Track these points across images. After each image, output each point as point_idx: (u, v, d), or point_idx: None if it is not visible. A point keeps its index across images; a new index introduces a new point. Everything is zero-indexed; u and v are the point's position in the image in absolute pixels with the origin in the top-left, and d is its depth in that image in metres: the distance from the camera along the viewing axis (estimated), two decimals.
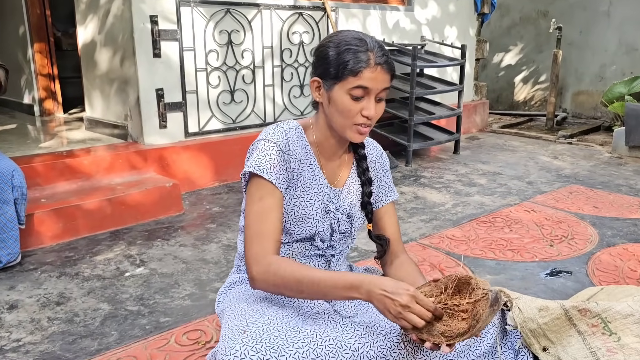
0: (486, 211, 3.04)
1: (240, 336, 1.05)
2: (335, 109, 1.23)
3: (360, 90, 1.20)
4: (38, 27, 4.53)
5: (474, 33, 5.38)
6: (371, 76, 1.19)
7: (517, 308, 1.44)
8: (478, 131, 5.56)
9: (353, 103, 1.21)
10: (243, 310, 1.22)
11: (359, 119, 1.22)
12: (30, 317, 1.88)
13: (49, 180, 2.82)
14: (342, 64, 1.20)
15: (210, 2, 3.32)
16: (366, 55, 1.19)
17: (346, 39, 1.23)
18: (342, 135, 1.27)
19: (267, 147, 1.23)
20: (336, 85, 1.21)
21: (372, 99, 1.21)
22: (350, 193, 1.39)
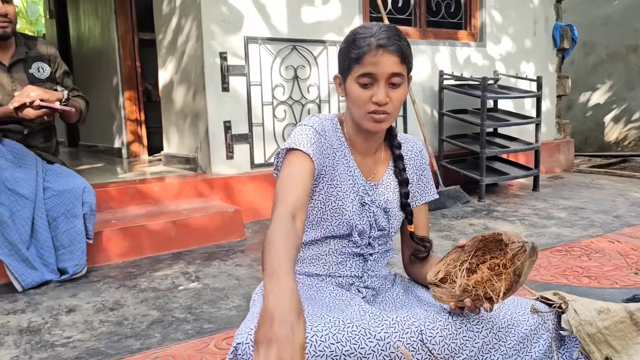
0: (563, 241, 2.80)
1: (256, 317, 1.01)
2: (350, 100, 1.23)
3: (366, 77, 1.17)
4: (129, 77, 4.96)
5: (554, 69, 5.18)
6: (373, 60, 1.16)
7: (572, 310, 1.28)
8: (562, 171, 5.23)
9: (362, 91, 1.18)
10: None
11: (370, 107, 1.19)
12: (84, 319, 1.94)
13: (121, 204, 2.99)
14: (347, 54, 1.19)
15: (277, 40, 3.48)
16: (368, 40, 1.16)
17: (355, 29, 1.23)
18: (362, 126, 1.24)
19: (304, 129, 1.23)
20: (348, 77, 1.21)
21: (381, 84, 1.17)
22: (387, 189, 1.34)
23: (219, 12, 3.27)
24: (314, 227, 1.31)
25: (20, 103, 2.25)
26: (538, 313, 1.26)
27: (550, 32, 5.05)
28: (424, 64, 4.23)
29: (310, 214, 1.29)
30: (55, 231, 2.36)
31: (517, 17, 4.75)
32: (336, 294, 1.26)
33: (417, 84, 4.18)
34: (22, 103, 2.25)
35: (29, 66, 2.53)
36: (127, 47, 4.97)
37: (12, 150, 2.34)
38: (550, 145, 5.08)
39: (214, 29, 3.26)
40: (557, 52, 5.15)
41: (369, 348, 1.06)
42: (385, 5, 3.99)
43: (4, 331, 1.84)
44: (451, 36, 4.43)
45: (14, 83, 2.45)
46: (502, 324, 1.20)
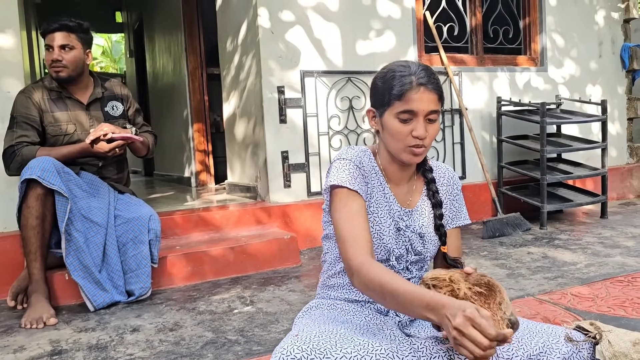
0: (626, 271, 2.68)
1: (292, 338, 1.10)
2: (388, 134, 1.29)
3: (407, 113, 1.24)
4: (197, 110, 5.27)
5: (624, 91, 4.98)
6: (415, 97, 1.23)
7: (606, 341, 1.27)
8: (636, 197, 4.97)
9: (402, 126, 1.25)
10: (307, 323, 1.27)
11: (410, 141, 1.26)
12: (146, 338, 2.10)
13: (185, 230, 3.18)
14: (387, 90, 1.26)
15: (332, 72, 3.61)
16: (409, 78, 1.24)
17: (391, 67, 1.30)
18: (398, 158, 1.31)
19: (343, 164, 1.30)
20: (386, 112, 1.27)
21: (420, 119, 1.25)
22: (422, 214, 1.40)
23: (276, 49, 3.46)
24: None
25: (94, 137, 2.49)
26: (572, 342, 1.26)
27: (618, 54, 4.88)
28: (482, 90, 4.22)
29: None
30: (124, 256, 2.57)
31: (580, 40, 4.64)
32: (371, 318, 1.32)
33: (474, 111, 4.17)
34: (97, 137, 2.49)
35: (105, 105, 2.79)
36: (197, 82, 5.31)
37: (87, 181, 2.58)
38: (621, 170, 4.86)
39: (272, 65, 3.44)
40: (626, 74, 4.95)
41: None
42: (441, 35, 4.04)
43: (76, 347, 2.03)
44: (510, 62, 4.40)
45: (91, 120, 2.71)
46: (534, 351, 1.21)
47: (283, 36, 3.48)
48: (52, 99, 2.65)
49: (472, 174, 4.11)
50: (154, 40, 6.62)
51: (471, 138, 3.91)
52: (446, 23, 4.11)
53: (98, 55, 19.75)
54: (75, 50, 2.61)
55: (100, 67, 20.11)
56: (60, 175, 2.36)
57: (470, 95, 4.15)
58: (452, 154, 4.08)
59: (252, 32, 3.53)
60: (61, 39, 2.57)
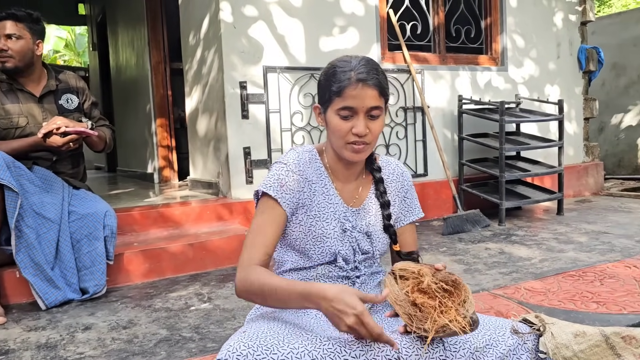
0: (578, 266, 2.76)
1: (239, 335, 1.09)
2: (330, 131, 1.28)
3: (346, 110, 1.23)
4: (161, 105, 5.19)
5: (581, 91, 5.12)
6: (353, 94, 1.21)
7: (549, 333, 1.30)
8: (592, 194, 5.12)
9: (343, 122, 1.24)
10: (256, 319, 1.26)
11: (350, 138, 1.24)
12: (98, 336, 2.05)
13: (144, 227, 3.13)
14: (328, 87, 1.25)
15: (295, 69, 3.60)
16: (348, 74, 1.22)
17: (334, 62, 1.28)
18: (341, 155, 1.30)
19: (277, 168, 1.30)
20: (328, 109, 1.26)
21: (360, 116, 1.23)
22: (369, 213, 1.39)
23: (239, 43, 3.43)
24: (300, 256, 1.36)
25: (47, 130, 2.42)
26: (518, 334, 1.28)
27: (575, 55, 5.01)
28: (444, 89, 4.27)
29: (294, 244, 1.35)
30: (78, 253, 2.51)
31: (539, 41, 4.75)
32: (321, 315, 1.30)
33: (436, 109, 4.22)
34: (49, 130, 2.42)
35: (59, 97, 2.71)
36: (160, 76, 5.22)
37: (40, 176, 2.51)
38: (578, 168, 5.00)
39: (234, 60, 3.41)
40: (583, 75, 5.10)
41: None
42: (404, 33, 4.08)
43: (24, 347, 1.97)
44: (471, 61, 4.47)
45: (44, 113, 2.63)
46: (480, 344, 1.23)
47: (246, 31, 3.45)
48: (3, 91, 2.57)
49: (433, 171, 4.16)
50: (117, 33, 6.48)
51: (433, 136, 3.96)
52: (409, 21, 4.14)
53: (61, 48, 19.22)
54: (23, 40, 2.53)
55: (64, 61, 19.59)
56: (10, 169, 2.29)
57: (432, 93, 4.20)
58: (414, 152, 4.12)
59: (215, 26, 3.49)
60: (8, 28, 2.49)
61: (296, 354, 1.06)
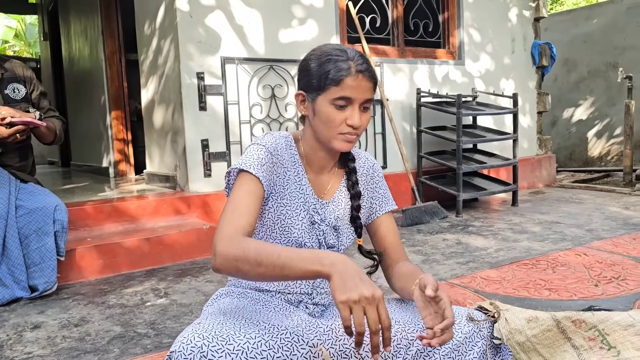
0: (531, 255, 2.84)
1: (193, 326, 1.05)
2: (319, 120, 1.22)
3: (342, 100, 1.19)
4: (116, 97, 5.04)
5: (534, 86, 5.26)
6: (353, 84, 1.18)
7: (503, 319, 1.32)
8: (545, 186, 5.28)
9: (337, 112, 1.20)
10: (213, 312, 1.21)
11: (344, 129, 1.21)
12: (47, 335, 1.98)
13: (98, 222, 3.03)
14: (323, 74, 1.19)
15: (254, 60, 3.56)
16: (347, 64, 1.18)
17: (327, 50, 1.23)
18: (328, 145, 1.25)
19: (255, 149, 1.24)
20: (319, 97, 1.21)
21: (356, 107, 1.20)
22: (338, 206, 1.36)
23: (195, 33, 3.36)
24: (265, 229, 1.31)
25: None
26: (473, 321, 1.30)
27: (529, 50, 5.14)
28: (402, 82, 4.31)
29: (259, 232, 1.31)
30: (27, 249, 2.41)
31: (495, 36, 4.84)
32: (281, 308, 1.28)
33: (395, 102, 4.25)
34: None
35: (5, 87, 2.59)
36: (115, 67, 5.06)
37: None
38: (531, 160, 5.14)
39: (191, 50, 3.34)
40: (536, 70, 5.24)
41: (301, 355, 1.10)
42: (363, 26, 4.08)
43: None
44: (429, 54, 4.52)
45: None
46: None
47: (203, 20, 3.38)
48: None
49: (392, 163, 4.19)
50: (70, 22, 6.25)
51: (392, 128, 3.99)
52: (369, 14, 4.15)
53: (10, 38, 18.42)
54: None
55: (14, 51, 18.79)
56: None
57: (391, 86, 4.23)
58: (373, 144, 4.14)
59: (170, 15, 3.40)
60: None
61: (252, 344, 1.03)
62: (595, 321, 1.24)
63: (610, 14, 6.30)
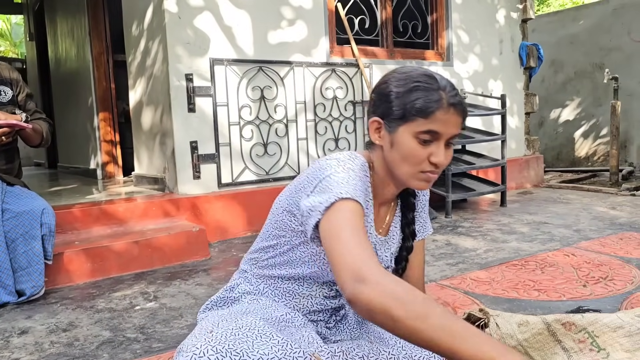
0: (520, 256, 2.86)
1: (205, 335, 0.99)
2: (398, 153, 1.09)
3: (429, 134, 1.06)
4: (103, 98, 5.00)
5: (522, 87, 5.30)
6: (444, 118, 1.06)
7: (494, 324, 1.33)
8: (533, 186, 5.32)
9: (421, 148, 1.07)
10: (222, 315, 1.14)
11: (426, 166, 1.08)
12: (35, 340, 1.95)
13: (86, 225, 3.00)
14: (409, 103, 1.07)
15: (243, 61, 3.54)
16: (438, 94, 1.06)
17: (413, 75, 1.10)
18: (405, 183, 1.13)
19: (352, 176, 1.06)
20: (401, 127, 1.08)
21: (441, 143, 1.08)
22: (392, 242, 1.27)
23: (184, 35, 3.34)
24: (300, 268, 1.18)
25: None
26: None
27: (516, 51, 5.18)
28: None
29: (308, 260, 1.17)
30: (14, 253, 2.37)
31: (483, 37, 4.87)
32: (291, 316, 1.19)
33: None
34: None
35: None
36: (102, 68, 5.02)
37: None
38: (519, 161, 5.18)
39: (180, 51, 3.32)
40: (524, 71, 5.28)
41: None
42: (352, 27, 4.09)
43: None
44: (418, 56, 4.53)
45: None
46: None
47: (191, 22, 3.36)
48: None
49: None
50: (56, 22, 6.19)
51: None
52: (357, 16, 4.16)
53: None
54: None
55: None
56: None
57: None
58: (363, 145, 4.15)
59: (159, 16, 3.38)
60: None
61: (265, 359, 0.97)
62: (584, 323, 1.25)
63: (596, 15, 6.37)
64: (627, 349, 1.20)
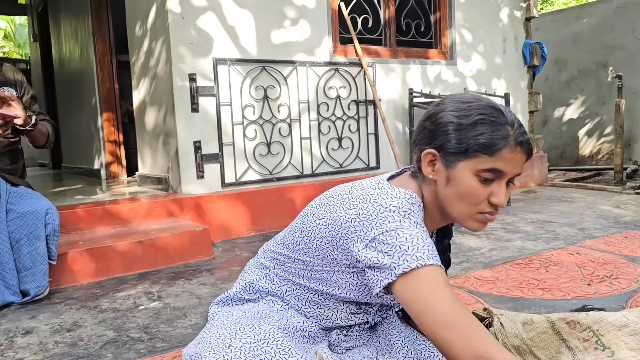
0: (524, 254, 2.85)
1: (223, 350, 0.97)
2: (456, 191, 1.02)
3: (492, 173, 0.99)
4: (107, 99, 5.01)
5: (526, 85, 5.28)
6: (509, 157, 0.98)
7: (498, 323, 1.32)
8: (537, 185, 5.31)
9: (481, 187, 1.00)
10: (238, 320, 1.09)
11: (485, 207, 1.01)
12: (39, 340, 1.96)
13: (90, 225, 3.01)
14: (472, 138, 0.98)
15: (247, 61, 3.54)
16: (505, 130, 0.98)
17: (478, 106, 1.01)
18: (459, 222, 1.07)
19: (423, 235, 0.98)
20: (461, 163, 1.00)
21: (503, 183, 1.01)
22: None
23: (187, 34, 3.34)
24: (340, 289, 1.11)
25: None
26: None
27: (520, 50, 5.16)
28: (395, 82, 4.31)
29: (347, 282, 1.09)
30: (18, 253, 2.38)
31: (486, 36, 4.86)
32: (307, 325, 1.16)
33: (388, 102, 4.26)
34: None
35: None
36: (105, 68, 5.03)
37: None
38: None
39: (183, 52, 3.32)
40: (527, 69, 5.26)
41: None
42: (355, 26, 4.08)
43: None
44: (421, 55, 4.52)
45: None
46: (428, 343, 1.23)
47: (194, 22, 3.36)
48: None
49: (385, 163, 4.20)
50: (60, 23, 6.20)
51: (385, 129, 3.99)
52: (360, 15, 4.15)
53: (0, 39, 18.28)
54: None
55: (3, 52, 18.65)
56: None
57: (383, 86, 4.23)
58: (366, 144, 4.15)
59: (162, 16, 3.38)
60: None
61: None
62: (589, 322, 1.25)
63: (600, 14, 6.34)
64: (632, 347, 1.19)
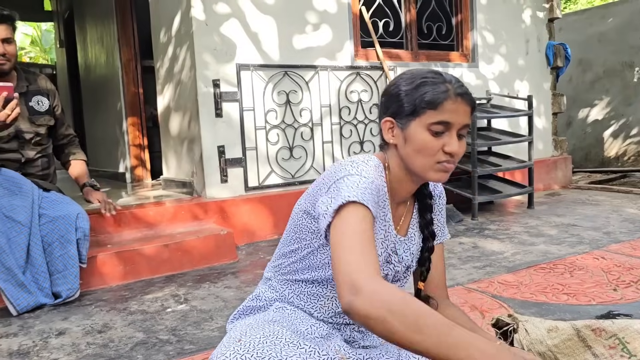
0: (548, 259, 2.83)
1: (234, 344, 1.01)
2: (413, 148, 1.12)
3: (441, 125, 1.10)
4: (132, 103, 5.10)
5: (549, 87, 5.23)
6: (452, 107, 1.09)
7: (523, 330, 1.33)
8: (561, 187, 5.25)
9: (434, 139, 1.10)
10: (249, 324, 1.15)
11: (441, 156, 1.11)
12: (72, 341, 2.02)
13: (118, 228, 3.08)
14: (418, 98, 1.10)
15: (269, 66, 3.59)
16: (444, 86, 1.10)
17: (419, 73, 1.14)
18: (423, 176, 1.14)
19: (362, 182, 1.06)
20: (413, 122, 1.11)
21: (453, 133, 1.11)
22: (412, 243, 1.27)
23: (211, 41, 3.40)
24: (327, 268, 1.17)
25: None
26: None
27: (543, 51, 5.12)
28: None
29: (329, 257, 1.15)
30: (50, 256, 2.46)
31: (509, 38, 4.83)
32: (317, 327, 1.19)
33: None
34: None
35: (29, 99, 2.65)
36: (130, 74, 5.13)
37: (9, 179, 2.45)
38: (547, 162, 5.11)
39: (207, 58, 3.38)
40: (551, 71, 5.21)
41: None
42: (377, 30, 4.10)
43: None
44: (443, 57, 4.52)
45: None
46: None
47: (218, 29, 3.42)
48: None
49: None
50: (85, 30, 6.34)
51: None
52: (382, 18, 4.17)
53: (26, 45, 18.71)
54: (14, 42, 2.52)
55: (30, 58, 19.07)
56: None
57: None
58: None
59: (186, 23, 3.45)
60: (3, 31, 2.43)
61: None
62: (615, 329, 1.25)
63: (625, 13, 6.24)
64: None
